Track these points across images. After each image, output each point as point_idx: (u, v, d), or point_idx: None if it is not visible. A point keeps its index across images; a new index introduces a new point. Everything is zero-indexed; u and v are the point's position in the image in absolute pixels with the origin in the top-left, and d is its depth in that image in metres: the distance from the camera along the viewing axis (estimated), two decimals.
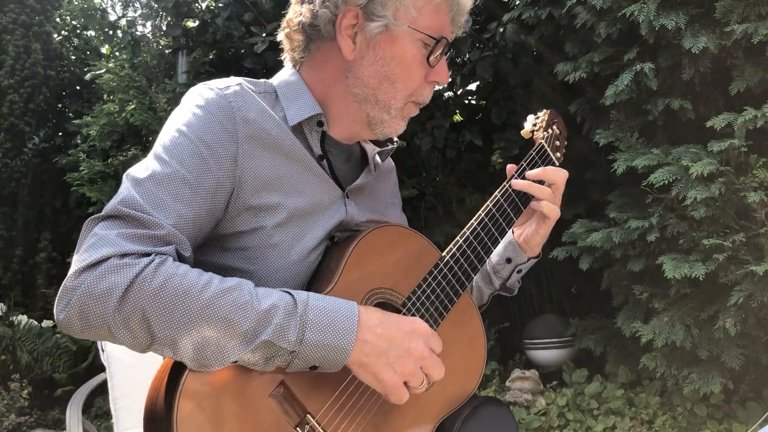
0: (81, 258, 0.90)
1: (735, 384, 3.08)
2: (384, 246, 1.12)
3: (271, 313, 0.92)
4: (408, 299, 1.12)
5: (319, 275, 1.09)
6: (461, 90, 5.16)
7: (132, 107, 4.91)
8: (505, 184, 1.28)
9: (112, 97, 5.31)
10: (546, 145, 1.35)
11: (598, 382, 3.74)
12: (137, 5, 5.48)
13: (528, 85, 4.41)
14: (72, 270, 0.90)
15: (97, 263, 0.89)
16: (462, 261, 1.18)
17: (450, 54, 1.22)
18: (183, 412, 0.90)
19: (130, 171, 1.00)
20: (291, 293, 0.97)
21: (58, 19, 6.92)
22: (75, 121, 5.84)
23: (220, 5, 4.96)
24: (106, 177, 4.99)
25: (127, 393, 1.89)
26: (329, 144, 1.17)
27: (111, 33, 6.18)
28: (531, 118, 1.43)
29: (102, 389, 2.15)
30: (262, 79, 1.17)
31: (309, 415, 0.99)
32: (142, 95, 4.93)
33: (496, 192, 1.26)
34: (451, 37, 1.17)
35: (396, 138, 1.26)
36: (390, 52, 1.11)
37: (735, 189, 2.81)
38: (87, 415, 4.23)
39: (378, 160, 1.27)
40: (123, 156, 4.86)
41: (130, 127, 5.04)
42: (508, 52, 4.51)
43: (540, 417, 3.59)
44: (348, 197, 1.17)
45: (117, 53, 5.91)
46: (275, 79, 1.19)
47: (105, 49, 6.65)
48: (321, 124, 1.14)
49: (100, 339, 0.93)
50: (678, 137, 3.22)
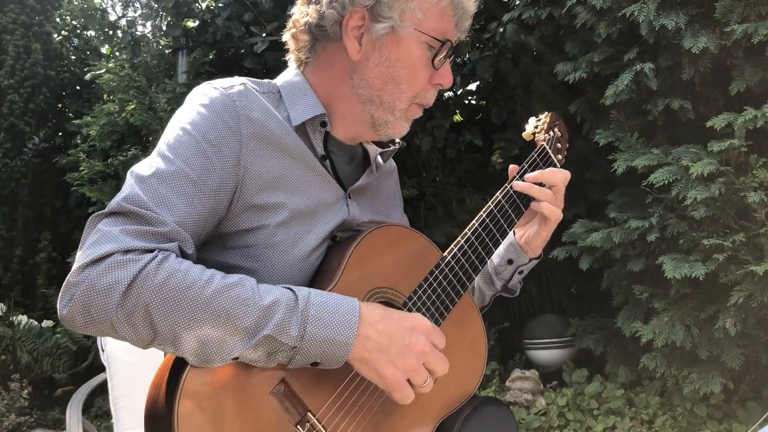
0: (85, 254, 0.90)
1: (735, 384, 3.08)
2: (385, 246, 1.13)
3: (273, 309, 0.93)
4: (409, 299, 1.12)
5: (321, 275, 1.09)
6: (461, 90, 5.16)
7: (132, 107, 4.91)
8: (506, 185, 1.28)
9: (112, 97, 5.31)
10: (547, 148, 1.36)
11: (598, 382, 3.74)
12: (137, 5, 5.49)
13: (528, 85, 4.41)
14: (76, 265, 0.90)
15: (101, 259, 0.89)
16: (463, 261, 1.18)
17: (452, 57, 1.22)
18: (183, 409, 0.90)
19: (134, 168, 1.01)
20: (292, 289, 0.97)
21: (58, 19, 6.91)
22: (75, 121, 5.84)
23: (220, 5, 4.96)
24: (106, 177, 4.99)
25: (127, 393, 1.88)
26: (332, 144, 1.18)
27: (111, 33, 6.18)
28: (533, 120, 1.43)
29: (102, 389, 2.15)
30: (266, 80, 1.18)
31: (309, 413, 0.99)
32: (142, 95, 4.93)
33: (497, 193, 1.26)
34: (456, 41, 1.18)
35: (398, 139, 1.26)
36: (395, 53, 1.11)
37: (735, 189, 2.81)
38: (87, 415, 4.22)
39: (380, 160, 1.28)
40: (123, 156, 4.86)
41: (130, 127, 5.05)
42: (508, 52, 4.51)
43: (540, 417, 3.59)
44: (350, 197, 1.18)
45: (117, 53, 5.91)
46: (279, 80, 1.19)
47: (105, 49, 6.64)
48: (324, 124, 1.14)
49: (102, 334, 0.93)
50: (678, 137, 3.22)
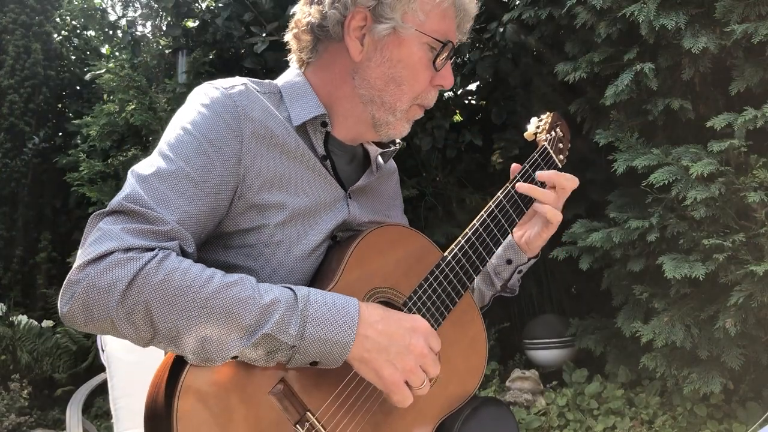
0: (85, 252, 0.91)
1: (735, 384, 3.08)
2: (385, 246, 1.13)
3: (273, 307, 0.93)
4: (409, 299, 1.12)
5: (321, 274, 1.09)
6: (461, 90, 5.16)
7: (132, 107, 4.91)
8: (507, 185, 1.27)
9: (112, 97, 5.32)
10: (549, 148, 1.35)
11: (598, 382, 3.74)
12: (137, 5, 5.48)
13: (528, 85, 4.41)
14: (76, 263, 0.90)
15: (102, 257, 0.89)
16: (464, 261, 1.18)
17: (453, 58, 1.23)
18: (183, 409, 0.90)
19: (134, 167, 1.01)
20: (292, 288, 0.97)
21: (58, 19, 6.91)
22: (75, 121, 5.84)
23: (220, 5, 4.96)
24: (106, 177, 5.00)
25: (127, 393, 1.88)
26: (333, 144, 1.18)
27: (111, 33, 6.18)
28: (534, 120, 1.43)
29: (102, 389, 2.15)
30: (267, 80, 1.18)
31: (309, 413, 0.99)
32: (142, 95, 4.93)
33: (498, 193, 1.26)
34: (457, 42, 1.18)
35: (399, 140, 1.26)
36: (397, 54, 1.11)
37: (735, 189, 2.81)
38: (87, 415, 4.22)
39: (380, 161, 1.28)
40: (123, 156, 4.86)
41: (130, 127, 5.05)
42: (508, 52, 4.51)
43: (540, 417, 3.59)
44: (350, 197, 1.18)
45: (117, 53, 5.91)
46: (280, 80, 1.19)
47: (105, 49, 6.64)
48: (325, 124, 1.15)
49: (102, 332, 0.93)
50: (678, 137, 3.22)
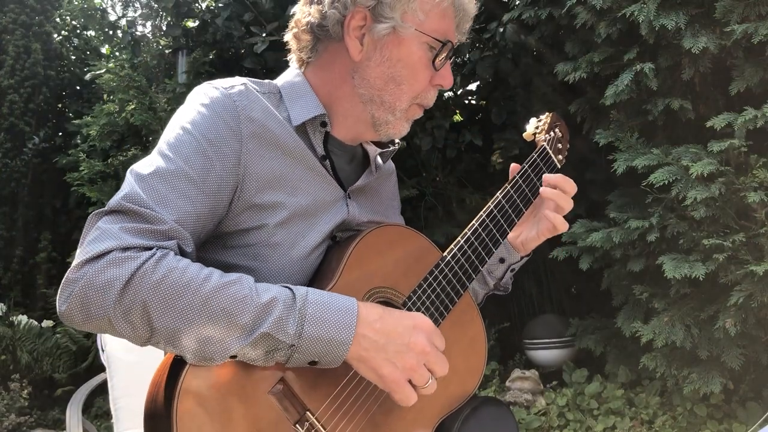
0: (84, 251, 0.91)
1: (735, 384, 3.08)
2: (384, 246, 1.13)
3: (271, 307, 0.93)
4: (408, 299, 1.12)
5: (320, 274, 1.09)
6: (461, 90, 5.16)
7: (132, 107, 4.91)
8: (507, 185, 1.27)
9: (112, 97, 5.32)
10: (548, 148, 1.36)
11: (598, 382, 3.74)
12: (137, 5, 5.49)
13: (528, 85, 4.41)
14: (75, 262, 0.91)
15: (99, 256, 0.90)
16: (463, 261, 1.18)
17: (453, 58, 1.23)
18: (182, 408, 0.90)
19: (133, 167, 1.01)
20: (290, 288, 0.97)
21: (58, 19, 6.92)
22: (75, 121, 5.84)
23: (220, 5, 4.96)
24: (106, 177, 5.00)
25: (127, 393, 1.88)
26: (332, 144, 1.18)
27: (111, 33, 6.19)
28: (533, 120, 1.43)
29: (102, 389, 2.15)
30: (266, 80, 1.18)
31: (309, 412, 0.99)
32: (142, 95, 4.93)
33: (497, 193, 1.26)
34: (456, 42, 1.18)
35: (398, 140, 1.26)
36: (396, 53, 1.12)
37: (735, 189, 2.81)
38: (87, 415, 4.22)
39: (379, 161, 1.28)
40: (123, 156, 4.86)
41: (130, 127, 5.05)
42: (508, 52, 4.51)
43: (540, 417, 3.59)
44: (350, 197, 1.18)
45: (117, 53, 5.91)
46: (280, 80, 1.19)
47: (105, 49, 6.65)
48: (324, 124, 1.15)
49: (100, 331, 0.94)
50: (678, 137, 3.22)
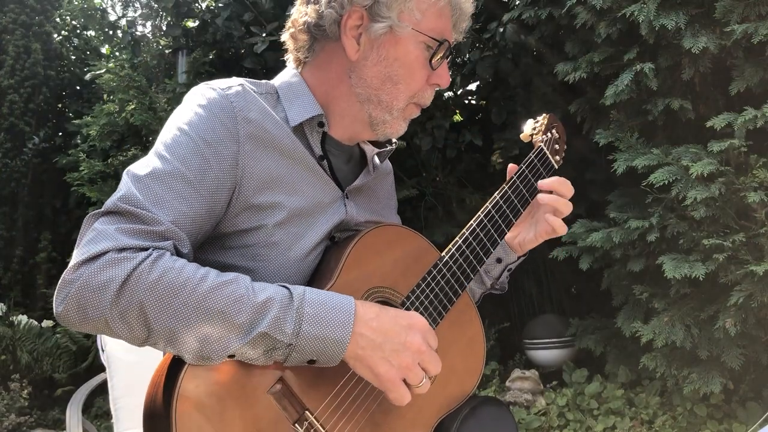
0: (80, 252, 0.91)
1: (735, 384, 3.08)
2: (382, 246, 1.13)
3: (267, 306, 0.93)
4: (407, 298, 1.12)
5: (319, 274, 1.09)
6: (461, 90, 5.16)
7: (132, 107, 4.91)
8: (504, 186, 1.28)
9: (112, 97, 5.32)
10: (545, 149, 1.36)
11: (598, 382, 3.74)
12: (137, 5, 5.49)
13: (528, 85, 4.41)
14: (71, 263, 0.91)
15: (96, 257, 0.90)
16: (461, 261, 1.18)
17: (451, 57, 1.23)
18: (181, 408, 0.90)
19: (130, 168, 1.01)
20: (287, 287, 0.97)
21: (58, 19, 6.91)
22: (75, 121, 5.84)
23: (220, 5, 4.96)
24: (106, 177, 4.99)
25: (127, 393, 1.88)
26: (330, 144, 1.18)
27: (111, 33, 6.19)
28: (530, 121, 1.44)
29: (102, 389, 2.15)
30: (263, 80, 1.18)
31: (308, 412, 0.99)
32: (142, 95, 4.93)
33: (495, 194, 1.26)
34: (453, 41, 1.18)
35: (395, 139, 1.27)
36: (393, 53, 1.12)
37: (735, 189, 2.81)
38: (87, 415, 4.22)
39: (377, 161, 1.28)
40: (123, 156, 4.86)
41: (130, 127, 5.05)
42: (508, 52, 4.51)
43: (540, 417, 3.59)
44: (348, 197, 1.18)
45: (117, 53, 5.91)
46: (277, 80, 1.19)
47: (105, 49, 6.65)
48: (322, 124, 1.15)
49: (97, 332, 0.94)
50: (678, 137, 3.22)
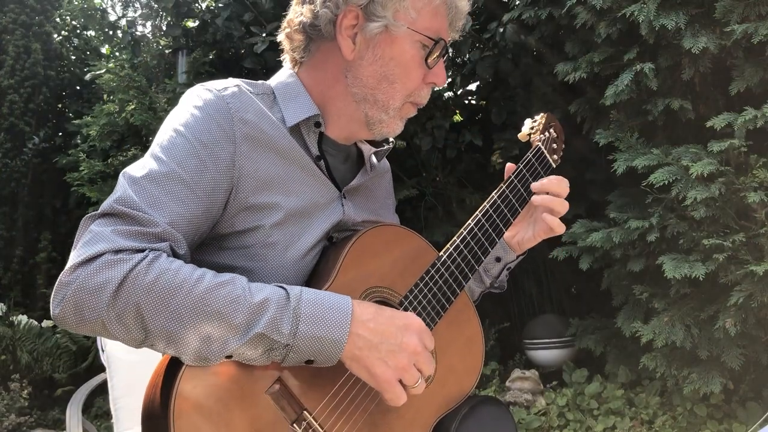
0: (76, 254, 0.91)
1: (735, 384, 3.08)
2: (380, 246, 1.13)
3: (264, 306, 0.93)
4: (405, 298, 1.12)
5: (317, 274, 1.09)
6: (461, 90, 5.16)
7: (132, 107, 4.91)
8: (502, 185, 1.28)
9: (112, 97, 5.31)
10: (543, 148, 1.36)
11: (598, 382, 3.74)
12: (137, 5, 5.49)
13: (528, 85, 4.41)
14: (68, 265, 0.91)
15: (92, 259, 0.90)
16: (459, 261, 1.18)
17: (448, 56, 1.23)
18: (179, 409, 0.90)
19: (126, 170, 1.01)
20: (284, 287, 0.97)
21: (58, 19, 6.91)
22: (75, 121, 5.84)
23: (220, 5, 4.96)
24: (106, 177, 4.99)
25: (127, 393, 1.88)
26: (327, 144, 1.18)
27: (111, 33, 6.19)
28: (528, 121, 1.45)
29: (102, 389, 2.15)
30: (260, 81, 1.18)
31: (306, 412, 0.99)
32: (142, 95, 4.93)
33: (493, 193, 1.26)
34: (449, 40, 1.18)
35: (392, 138, 1.27)
36: (389, 52, 1.12)
37: (735, 189, 2.81)
38: (87, 415, 4.22)
39: (374, 160, 1.28)
40: (123, 156, 4.86)
41: (130, 127, 5.05)
42: (508, 52, 4.51)
43: (540, 417, 3.59)
44: (345, 197, 1.18)
45: (117, 53, 5.91)
46: (273, 81, 1.19)
47: (105, 49, 6.64)
48: (318, 124, 1.15)
49: (94, 334, 0.94)
50: (678, 137, 3.21)
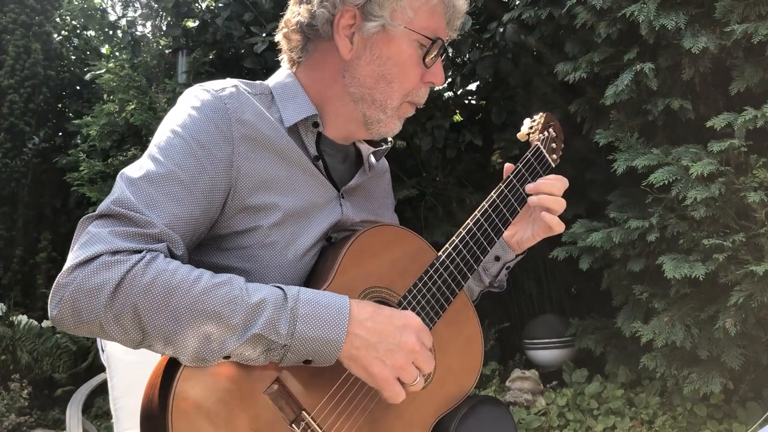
0: (74, 255, 0.91)
1: (735, 384, 3.08)
2: (379, 246, 1.13)
3: (261, 307, 0.93)
4: (404, 298, 1.12)
5: (315, 275, 1.09)
6: (461, 90, 5.15)
7: (132, 107, 4.91)
8: (501, 185, 1.28)
9: (112, 97, 5.31)
10: (542, 147, 1.36)
11: (598, 382, 3.74)
12: (137, 5, 5.49)
13: (528, 85, 4.41)
14: (65, 267, 0.91)
15: (89, 260, 0.90)
16: (458, 260, 1.18)
17: (446, 55, 1.23)
18: (178, 410, 0.90)
19: (124, 171, 1.01)
20: (282, 288, 0.97)
21: (58, 19, 6.91)
22: (75, 121, 5.84)
23: (220, 5, 4.96)
24: (106, 177, 4.99)
25: (127, 393, 1.88)
26: (325, 144, 1.18)
27: (111, 33, 6.19)
28: (527, 121, 1.45)
29: (102, 389, 2.15)
30: (258, 81, 1.18)
31: (305, 412, 0.99)
32: (142, 95, 4.93)
33: (492, 192, 1.26)
34: (447, 40, 1.18)
35: (390, 138, 1.26)
36: (387, 51, 1.11)
37: (735, 189, 2.81)
38: (87, 415, 4.22)
39: (372, 160, 1.28)
40: (123, 156, 4.86)
41: (130, 127, 5.05)
42: (508, 52, 4.51)
43: (540, 417, 3.59)
44: (343, 197, 1.18)
45: (117, 53, 5.91)
46: (271, 81, 1.19)
47: (105, 49, 6.65)
48: (316, 125, 1.15)
49: (92, 335, 0.94)
50: (678, 137, 3.21)
